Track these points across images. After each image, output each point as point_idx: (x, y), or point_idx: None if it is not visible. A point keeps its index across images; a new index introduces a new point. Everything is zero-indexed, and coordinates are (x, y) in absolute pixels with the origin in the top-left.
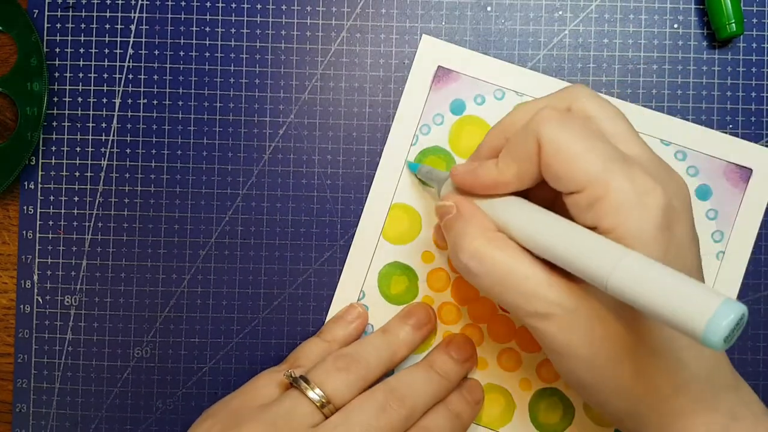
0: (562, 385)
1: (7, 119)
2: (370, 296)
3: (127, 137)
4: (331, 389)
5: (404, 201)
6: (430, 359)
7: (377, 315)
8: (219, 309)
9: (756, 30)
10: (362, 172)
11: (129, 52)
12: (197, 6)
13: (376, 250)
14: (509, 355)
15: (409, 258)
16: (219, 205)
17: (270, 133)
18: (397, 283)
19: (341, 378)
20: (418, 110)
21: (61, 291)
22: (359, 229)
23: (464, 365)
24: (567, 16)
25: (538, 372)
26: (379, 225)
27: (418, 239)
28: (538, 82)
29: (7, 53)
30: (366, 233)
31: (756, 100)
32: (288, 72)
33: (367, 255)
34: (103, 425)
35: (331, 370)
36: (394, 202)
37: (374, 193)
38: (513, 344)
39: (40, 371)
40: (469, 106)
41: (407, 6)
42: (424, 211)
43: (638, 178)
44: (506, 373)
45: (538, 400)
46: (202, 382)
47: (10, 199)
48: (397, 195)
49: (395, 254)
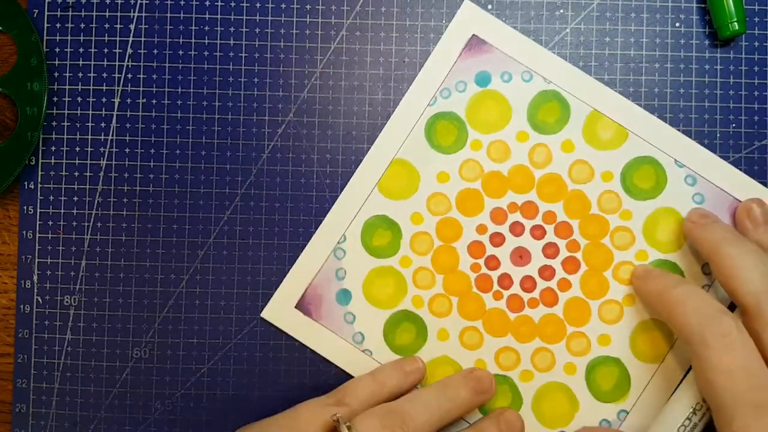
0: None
1: (7, 119)
2: (350, 242)
3: (127, 137)
4: None
5: (407, 158)
6: (479, 428)
7: (352, 261)
8: (218, 309)
9: (758, 28)
10: None
11: (129, 52)
12: (197, 6)
13: (368, 199)
14: (471, 333)
15: (398, 215)
16: (218, 205)
17: (269, 132)
18: (380, 236)
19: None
20: (443, 73)
21: (61, 291)
22: (356, 174)
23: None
24: (568, 14)
25: (496, 358)
26: (376, 175)
27: (411, 198)
28: (568, 73)
29: (7, 53)
30: (362, 180)
31: (758, 99)
32: (287, 71)
33: (358, 202)
34: (103, 425)
35: (378, 427)
36: (397, 157)
37: (379, 143)
38: (479, 324)
39: (39, 371)
40: (495, 81)
41: (407, 5)
42: (424, 173)
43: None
44: (467, 351)
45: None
46: (201, 382)
47: (10, 199)
48: (402, 150)
49: (385, 208)
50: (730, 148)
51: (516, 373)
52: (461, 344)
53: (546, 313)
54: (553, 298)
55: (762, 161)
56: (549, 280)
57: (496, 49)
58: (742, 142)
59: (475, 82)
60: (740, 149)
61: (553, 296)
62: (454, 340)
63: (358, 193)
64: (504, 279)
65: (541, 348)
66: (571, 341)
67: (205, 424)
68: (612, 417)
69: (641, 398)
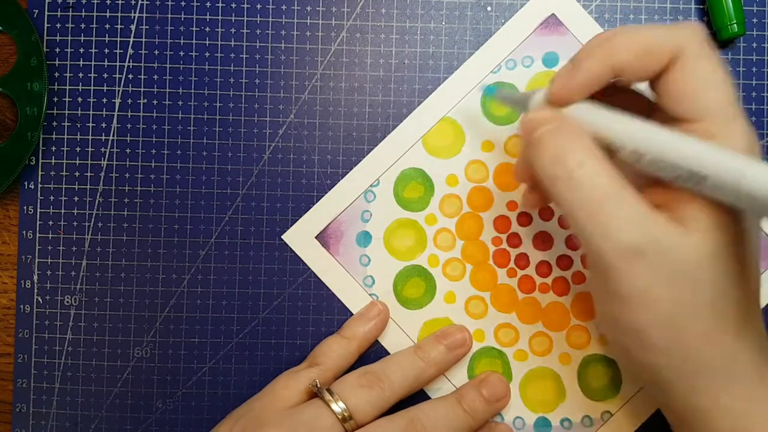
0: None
1: (7, 119)
2: (383, 187)
3: (127, 137)
4: (353, 404)
5: (457, 119)
6: (459, 394)
7: (380, 207)
8: (219, 309)
9: (756, 30)
10: None
11: (129, 52)
12: (197, 6)
13: (410, 150)
14: (477, 302)
15: (435, 172)
16: (219, 205)
17: (270, 133)
18: (412, 189)
19: (363, 394)
20: (513, 44)
21: (61, 291)
22: (402, 125)
23: (494, 405)
24: None
25: (495, 332)
26: (423, 129)
27: (452, 159)
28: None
29: (7, 53)
30: (408, 130)
31: (756, 100)
32: (288, 72)
33: (399, 150)
34: (103, 425)
35: (355, 385)
36: (448, 115)
37: (434, 98)
38: (487, 295)
39: (40, 371)
40: (561, 63)
41: (407, 6)
42: (470, 138)
43: (750, 132)
44: (469, 318)
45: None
46: (202, 382)
47: (10, 199)
48: (454, 110)
49: (424, 162)
50: None
51: (512, 350)
52: (465, 311)
53: (554, 300)
54: (565, 287)
55: None
56: (565, 269)
57: (570, 33)
58: None
59: (542, 60)
60: None
61: (565, 286)
62: (459, 305)
63: (402, 141)
64: (521, 258)
65: (542, 332)
66: (572, 333)
67: (206, 423)
68: (595, 415)
69: (628, 405)
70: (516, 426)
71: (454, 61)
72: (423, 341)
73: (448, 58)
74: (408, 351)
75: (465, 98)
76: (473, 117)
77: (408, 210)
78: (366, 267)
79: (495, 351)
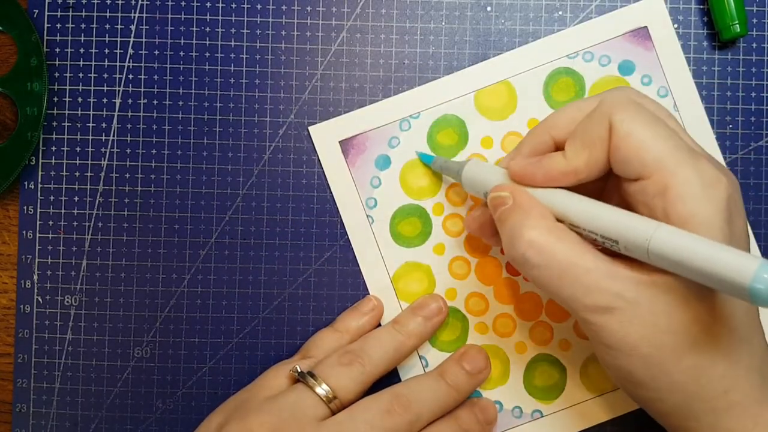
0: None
1: (7, 119)
2: (421, 121)
3: (127, 137)
4: (335, 383)
5: (517, 87)
6: (441, 369)
7: (411, 138)
8: (219, 309)
9: (756, 30)
10: None
11: (129, 52)
12: (197, 6)
13: (458, 99)
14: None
15: (474, 128)
16: (219, 205)
17: (270, 133)
18: (447, 135)
19: (344, 373)
20: (598, 39)
21: (61, 291)
22: (461, 72)
23: (476, 377)
24: (567, 16)
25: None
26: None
27: (496, 122)
28: (696, 109)
29: (7, 53)
30: (462, 80)
31: (756, 101)
32: (288, 72)
33: (448, 94)
34: (103, 425)
35: (335, 365)
36: (507, 79)
37: (498, 60)
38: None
39: (40, 371)
40: (635, 76)
41: (407, 6)
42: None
43: (706, 170)
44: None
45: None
46: (202, 382)
47: (10, 199)
48: (516, 78)
49: (467, 115)
50: (727, 149)
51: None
52: (449, 271)
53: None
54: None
55: (758, 162)
56: None
57: (655, 50)
58: (738, 143)
59: (619, 65)
60: (737, 150)
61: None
62: (445, 261)
63: (452, 88)
64: None
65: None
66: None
67: None
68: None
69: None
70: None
71: (454, 61)
72: (399, 315)
73: (448, 58)
74: (386, 326)
75: (531, 71)
76: (533, 91)
77: (435, 153)
78: (375, 189)
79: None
